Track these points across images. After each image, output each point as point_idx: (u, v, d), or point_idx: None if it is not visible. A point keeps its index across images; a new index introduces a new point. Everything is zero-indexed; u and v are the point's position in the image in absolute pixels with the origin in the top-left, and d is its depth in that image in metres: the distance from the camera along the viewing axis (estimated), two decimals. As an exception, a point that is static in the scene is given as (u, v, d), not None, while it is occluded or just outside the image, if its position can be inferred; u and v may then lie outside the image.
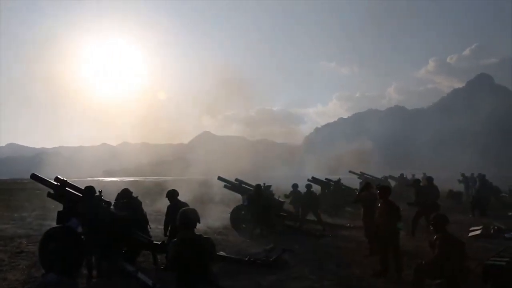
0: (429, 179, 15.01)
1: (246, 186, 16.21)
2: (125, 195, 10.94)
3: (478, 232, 13.63)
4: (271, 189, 16.42)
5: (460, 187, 28.47)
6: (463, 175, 29.64)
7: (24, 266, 9.76)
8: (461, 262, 6.73)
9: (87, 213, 8.85)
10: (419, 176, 24.88)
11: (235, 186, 16.19)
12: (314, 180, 21.49)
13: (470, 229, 14.19)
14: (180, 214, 4.80)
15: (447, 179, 33.45)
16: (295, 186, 17.41)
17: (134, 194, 11.17)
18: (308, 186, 16.51)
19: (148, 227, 10.81)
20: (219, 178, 17.07)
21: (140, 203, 11.10)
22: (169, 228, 10.33)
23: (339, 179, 22.64)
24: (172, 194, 10.63)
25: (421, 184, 15.55)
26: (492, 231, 13.64)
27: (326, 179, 22.77)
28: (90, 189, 9.32)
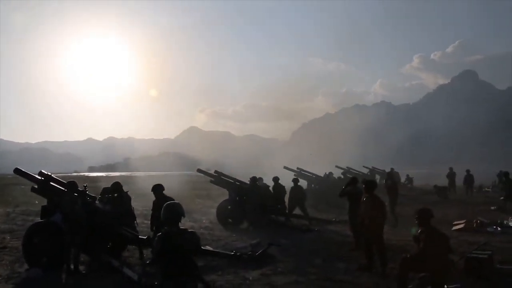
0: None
1: (225, 178, 16.18)
2: (115, 189, 10.84)
3: (462, 226, 13.82)
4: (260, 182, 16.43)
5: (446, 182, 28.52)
6: (451, 169, 29.54)
7: (7, 262, 9.64)
8: (445, 255, 6.81)
9: (64, 208, 8.75)
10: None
11: (221, 180, 16.16)
12: (300, 174, 21.79)
13: (454, 223, 14.37)
14: (165, 209, 4.78)
15: (432, 174, 33.78)
16: (295, 180, 16.81)
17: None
18: (295, 181, 16.48)
19: (135, 222, 10.75)
20: (198, 170, 17.02)
21: (129, 198, 11.02)
22: (155, 223, 10.28)
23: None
24: (158, 189, 10.57)
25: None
26: (475, 225, 13.84)
27: (298, 168, 22.93)
28: (71, 184, 9.21)
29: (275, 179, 16.43)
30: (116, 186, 10.89)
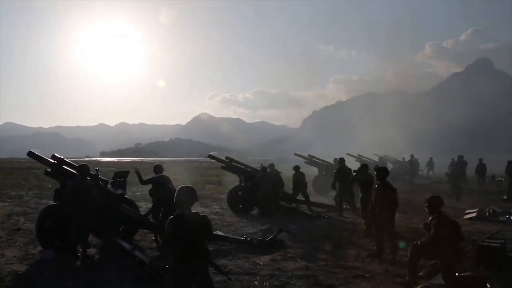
0: None
1: (236, 165, 16.14)
2: (157, 170, 11.08)
3: (474, 214, 13.72)
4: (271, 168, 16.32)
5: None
6: (461, 157, 29.23)
7: (21, 243, 9.79)
8: (456, 243, 6.77)
9: (71, 191, 8.74)
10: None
11: (232, 166, 16.13)
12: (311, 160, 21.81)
13: (466, 211, 14.29)
14: (178, 192, 4.79)
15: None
16: (297, 168, 16.23)
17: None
18: (296, 168, 16.13)
19: None
20: (209, 156, 17.07)
21: (168, 180, 11.03)
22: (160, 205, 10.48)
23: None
24: (158, 168, 10.92)
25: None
26: (487, 214, 13.73)
27: (309, 155, 22.83)
28: (83, 168, 9.21)
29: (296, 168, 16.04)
30: (156, 168, 11.13)
